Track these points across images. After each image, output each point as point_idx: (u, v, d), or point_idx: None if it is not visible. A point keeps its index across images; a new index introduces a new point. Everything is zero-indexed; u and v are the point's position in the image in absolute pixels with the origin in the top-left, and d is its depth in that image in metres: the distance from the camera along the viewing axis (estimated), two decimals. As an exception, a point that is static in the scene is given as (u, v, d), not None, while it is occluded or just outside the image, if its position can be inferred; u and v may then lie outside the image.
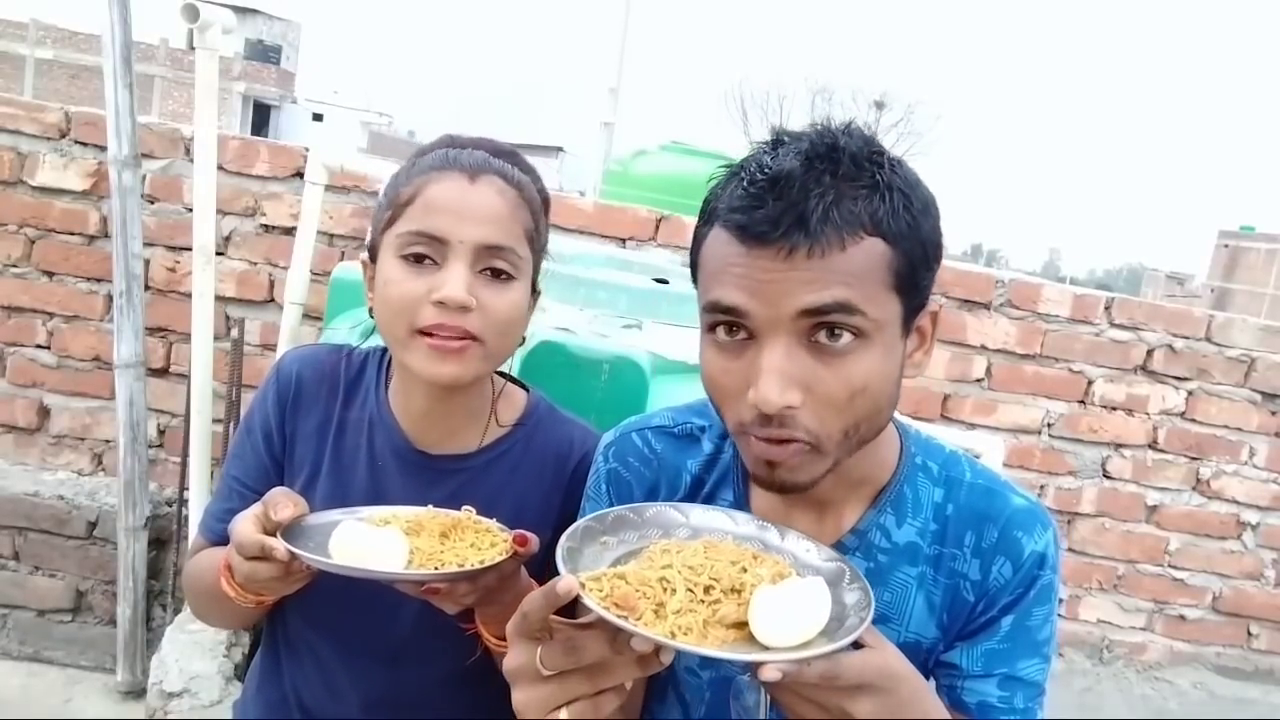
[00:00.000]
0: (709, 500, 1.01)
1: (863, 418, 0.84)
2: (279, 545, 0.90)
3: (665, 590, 0.77)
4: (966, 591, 0.95)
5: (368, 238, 1.12)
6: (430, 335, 1.01)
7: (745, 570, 0.81)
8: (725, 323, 0.84)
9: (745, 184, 0.83)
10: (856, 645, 0.75)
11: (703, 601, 0.77)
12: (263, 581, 0.94)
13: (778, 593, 0.77)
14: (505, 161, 1.09)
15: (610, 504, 1.04)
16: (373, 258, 1.09)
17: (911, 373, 0.91)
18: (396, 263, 1.03)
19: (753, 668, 0.71)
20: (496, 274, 1.03)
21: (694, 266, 0.91)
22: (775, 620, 0.75)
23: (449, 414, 1.13)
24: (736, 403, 0.85)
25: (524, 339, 1.12)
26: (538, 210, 1.10)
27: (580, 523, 0.87)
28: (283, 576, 0.93)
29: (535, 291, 1.13)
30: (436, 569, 0.91)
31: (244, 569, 0.93)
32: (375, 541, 0.91)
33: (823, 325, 0.81)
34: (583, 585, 0.74)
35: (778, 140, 0.88)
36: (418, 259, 1.02)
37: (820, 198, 0.80)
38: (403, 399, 1.14)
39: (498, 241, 1.03)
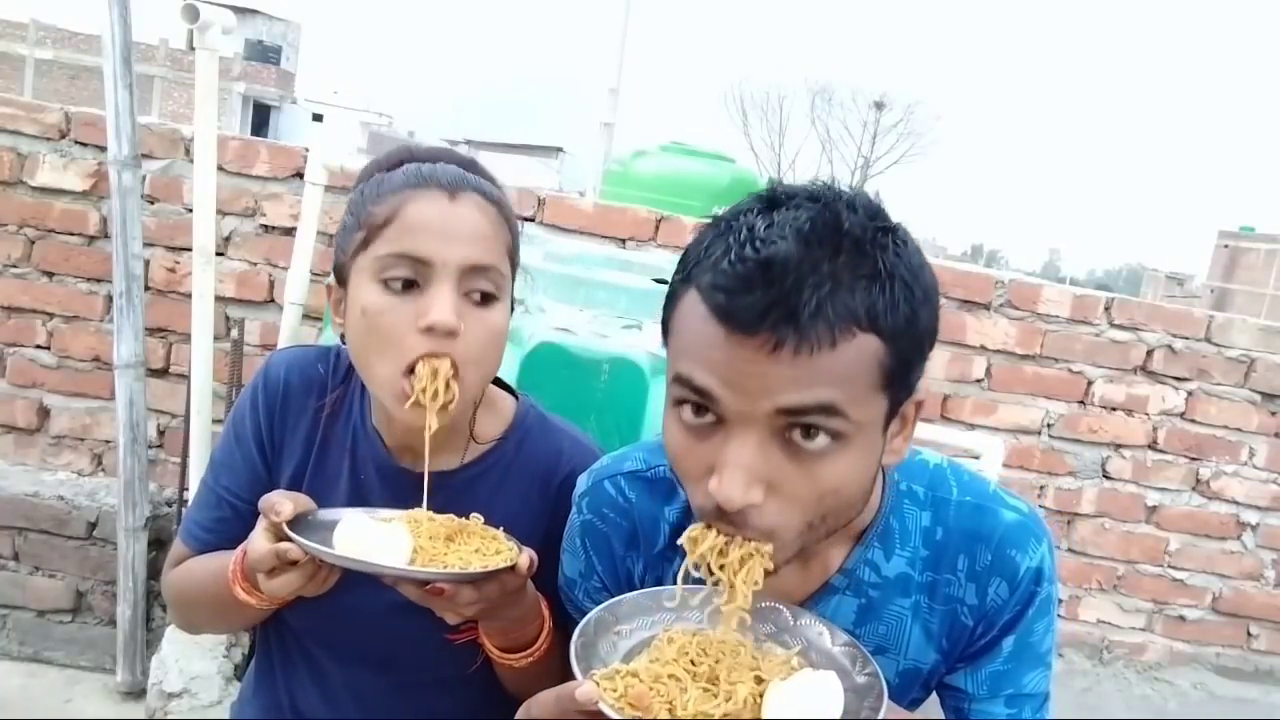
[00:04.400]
0: None
1: (829, 513, 0.80)
2: (292, 548, 0.89)
3: (678, 688, 0.77)
4: (965, 616, 0.94)
5: (333, 260, 1.06)
6: (412, 373, 0.96)
7: (757, 665, 0.81)
8: (694, 402, 0.78)
9: (732, 258, 0.74)
10: None
11: (715, 695, 0.77)
12: (291, 591, 0.93)
13: (791, 687, 0.77)
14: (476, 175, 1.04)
15: (587, 557, 1.02)
16: (340, 280, 1.02)
17: (890, 460, 0.85)
18: (376, 288, 0.97)
19: None
20: (481, 295, 0.99)
21: (665, 327, 0.83)
22: (789, 715, 0.75)
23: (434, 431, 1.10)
24: (696, 486, 0.80)
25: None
26: (515, 225, 1.06)
27: (594, 614, 0.86)
28: (309, 579, 0.92)
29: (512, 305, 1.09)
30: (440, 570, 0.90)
31: (269, 585, 0.92)
32: (379, 536, 0.90)
33: (800, 425, 0.75)
34: (597, 683, 0.75)
35: (773, 199, 0.79)
36: (399, 283, 0.96)
37: (815, 289, 0.72)
38: (385, 415, 1.09)
39: (483, 261, 0.98)
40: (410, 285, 0.96)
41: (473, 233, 0.98)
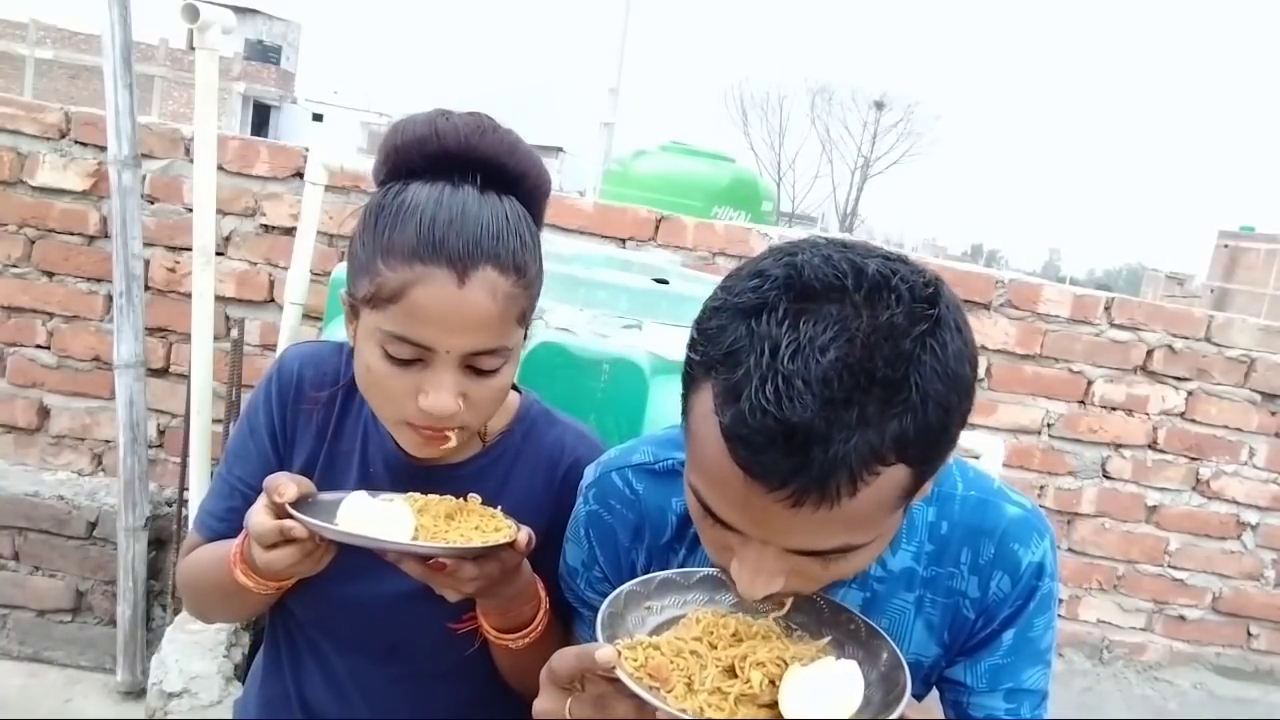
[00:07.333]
0: (697, 540, 0.97)
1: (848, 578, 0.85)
2: (296, 525, 0.91)
3: (698, 664, 0.78)
4: (966, 609, 0.94)
5: (345, 285, 1.05)
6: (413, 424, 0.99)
7: (783, 647, 0.82)
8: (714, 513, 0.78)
9: (753, 400, 0.68)
10: None
11: (735, 677, 0.78)
12: (286, 567, 0.94)
13: (810, 674, 0.77)
14: (503, 196, 1.00)
15: (590, 547, 1.03)
16: (352, 308, 1.02)
17: (914, 501, 0.81)
18: (379, 353, 0.97)
19: None
20: (487, 366, 0.99)
21: (685, 410, 0.79)
22: (806, 702, 0.75)
23: None
24: (715, 554, 0.83)
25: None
26: (533, 280, 1.02)
27: (625, 587, 0.88)
28: (306, 556, 0.94)
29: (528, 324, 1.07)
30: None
31: (264, 558, 0.94)
32: (382, 514, 0.93)
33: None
34: (619, 654, 0.76)
35: (803, 291, 0.71)
36: (402, 357, 0.96)
37: (843, 443, 0.68)
38: None
39: (488, 346, 0.97)
40: (415, 361, 0.97)
41: (479, 321, 0.95)
